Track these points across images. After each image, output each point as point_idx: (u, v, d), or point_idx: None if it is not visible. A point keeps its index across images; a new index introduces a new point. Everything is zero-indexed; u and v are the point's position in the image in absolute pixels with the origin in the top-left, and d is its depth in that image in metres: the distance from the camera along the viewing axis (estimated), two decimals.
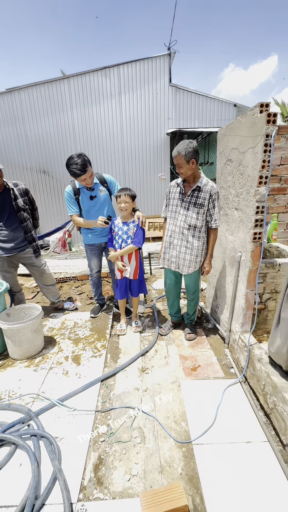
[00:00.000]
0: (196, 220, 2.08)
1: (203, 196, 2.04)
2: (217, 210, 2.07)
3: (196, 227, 2.10)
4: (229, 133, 2.15)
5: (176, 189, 2.18)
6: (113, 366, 2.11)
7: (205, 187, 2.03)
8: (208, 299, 2.87)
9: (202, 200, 2.04)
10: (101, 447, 1.44)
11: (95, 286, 2.86)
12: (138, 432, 1.52)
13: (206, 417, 1.61)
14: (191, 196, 2.08)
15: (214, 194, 2.03)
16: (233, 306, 2.15)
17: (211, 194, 2.02)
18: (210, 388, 1.83)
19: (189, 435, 1.50)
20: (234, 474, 1.28)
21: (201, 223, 2.08)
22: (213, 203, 2.04)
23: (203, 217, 2.08)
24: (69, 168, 2.16)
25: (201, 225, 2.09)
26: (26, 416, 1.59)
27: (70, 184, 2.42)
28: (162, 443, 1.46)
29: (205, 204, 2.04)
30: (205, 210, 2.06)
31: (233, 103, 7.31)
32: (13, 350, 2.14)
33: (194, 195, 2.06)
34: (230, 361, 2.12)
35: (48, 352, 2.27)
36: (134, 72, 7.15)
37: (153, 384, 1.89)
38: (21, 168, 7.80)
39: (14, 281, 2.71)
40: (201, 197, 2.04)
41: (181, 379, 1.93)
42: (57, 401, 1.71)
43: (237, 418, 1.60)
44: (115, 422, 1.59)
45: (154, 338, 2.44)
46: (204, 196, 2.03)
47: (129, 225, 2.32)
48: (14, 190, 2.40)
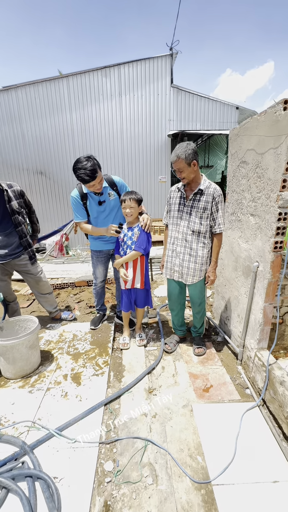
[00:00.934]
0: (199, 225, 1.94)
1: (205, 199, 1.90)
2: (221, 214, 1.94)
3: (200, 233, 1.96)
4: (243, 133, 1.99)
5: (177, 194, 2.04)
6: (117, 386, 1.92)
7: (207, 190, 1.90)
8: (217, 310, 2.70)
9: (205, 204, 1.90)
10: (107, 490, 1.25)
11: (97, 296, 2.67)
12: (149, 470, 1.33)
13: (225, 449, 1.43)
14: (193, 200, 1.94)
15: (217, 197, 1.90)
16: (247, 320, 1.98)
17: (214, 197, 1.89)
18: (226, 413, 1.65)
19: (207, 473, 1.32)
20: None
21: (205, 228, 1.94)
22: (217, 206, 1.91)
23: (207, 222, 1.94)
24: (76, 173, 1.94)
25: (205, 230, 1.95)
26: (20, 450, 1.39)
27: (76, 187, 2.19)
28: (178, 484, 1.27)
29: (208, 208, 1.90)
30: (208, 214, 1.92)
31: (235, 105, 7.21)
32: (6, 368, 1.93)
33: (196, 198, 1.92)
34: (244, 381, 1.95)
35: (45, 369, 2.06)
36: (135, 72, 7.01)
37: (163, 409, 1.70)
38: (17, 169, 7.57)
39: (8, 290, 2.51)
40: (204, 200, 1.90)
41: (193, 402, 1.74)
42: (56, 430, 1.51)
43: (259, 451, 1.42)
44: (122, 457, 1.40)
45: (159, 353, 2.26)
46: (207, 199, 1.90)
47: (134, 229, 2.15)
48: (8, 192, 2.20)
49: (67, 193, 7.90)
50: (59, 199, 7.95)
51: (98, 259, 2.46)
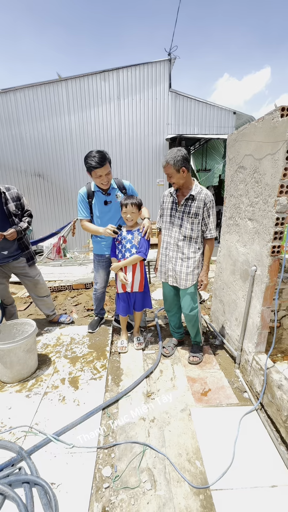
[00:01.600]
0: (190, 231, 1.96)
1: (197, 205, 1.92)
2: (213, 219, 1.95)
3: (192, 238, 1.97)
4: (241, 138, 2.02)
5: (169, 198, 2.06)
6: (115, 390, 1.91)
7: (198, 196, 1.91)
8: (215, 313, 2.71)
9: (196, 209, 1.92)
10: (105, 496, 1.24)
11: (97, 301, 2.65)
12: (147, 475, 1.32)
13: (223, 454, 1.43)
14: (184, 205, 1.95)
15: (208, 202, 1.91)
16: (245, 323, 1.99)
17: (205, 203, 1.91)
18: (224, 417, 1.65)
19: (205, 478, 1.31)
20: None
21: (196, 233, 1.96)
22: (208, 212, 1.93)
23: (198, 227, 1.95)
24: (86, 160, 2.00)
25: (196, 235, 1.97)
26: (17, 456, 1.37)
27: (86, 186, 2.25)
28: (176, 489, 1.27)
29: (199, 213, 1.92)
30: (199, 220, 1.94)
31: (233, 110, 7.29)
32: (3, 372, 1.92)
33: (187, 204, 1.94)
34: (242, 384, 1.95)
35: (42, 373, 2.05)
36: (133, 77, 7.07)
37: (161, 413, 1.70)
38: (15, 171, 7.56)
39: (6, 293, 2.49)
40: (195, 206, 1.92)
41: (191, 406, 1.74)
42: (53, 435, 1.49)
43: (257, 455, 1.42)
44: (120, 462, 1.39)
45: (158, 356, 2.25)
46: (198, 205, 1.91)
47: (134, 233, 2.15)
48: (5, 194, 2.21)
49: (65, 195, 7.90)
50: (57, 202, 7.94)
51: (99, 263, 2.45)
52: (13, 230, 2.17)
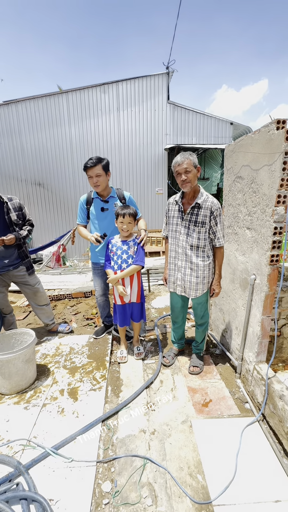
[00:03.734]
0: (197, 240, 1.92)
1: (203, 214, 1.88)
2: (221, 227, 1.91)
3: (199, 247, 1.93)
4: (238, 149, 2.06)
5: (174, 206, 2.03)
6: (115, 401, 1.88)
7: (205, 204, 1.88)
8: (215, 322, 2.70)
9: (203, 218, 1.88)
10: None
11: (100, 308, 2.67)
12: (148, 490, 1.29)
13: (225, 467, 1.40)
14: (190, 214, 1.92)
15: (215, 211, 1.87)
16: (245, 332, 1.98)
17: (212, 211, 1.86)
18: (225, 429, 1.63)
19: (207, 493, 1.28)
20: None
21: (203, 242, 1.91)
22: (215, 220, 1.88)
23: (205, 236, 1.91)
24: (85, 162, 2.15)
25: (203, 244, 1.92)
26: (15, 470, 1.34)
27: (87, 193, 2.37)
28: (178, 505, 1.24)
29: (206, 222, 1.88)
30: (207, 229, 1.90)
31: (230, 121, 7.47)
32: (1, 383, 1.89)
33: (193, 212, 1.91)
34: (244, 395, 1.93)
35: (41, 384, 2.02)
36: (132, 89, 7.25)
37: (161, 425, 1.67)
38: (15, 180, 7.64)
39: (5, 302, 2.49)
40: (202, 215, 1.88)
41: (192, 418, 1.72)
42: (52, 449, 1.46)
43: (260, 469, 1.39)
44: (120, 477, 1.36)
45: (158, 366, 2.23)
46: (204, 213, 1.87)
47: (129, 243, 2.13)
48: (8, 204, 2.25)
49: (65, 204, 7.97)
50: (57, 210, 8.00)
51: (95, 271, 2.48)
52: (12, 236, 2.20)
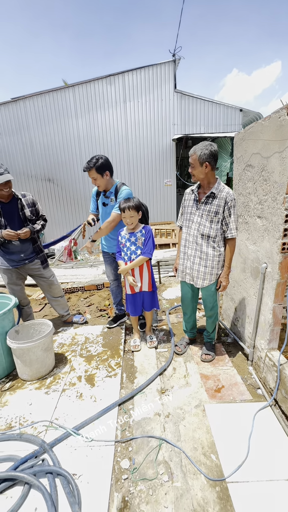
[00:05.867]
0: (209, 229, 1.92)
1: (217, 203, 1.88)
2: (234, 219, 1.90)
3: (210, 237, 1.94)
4: (248, 137, 2.04)
5: (190, 196, 2.04)
6: (130, 387, 1.96)
7: (220, 194, 1.88)
8: (226, 311, 2.72)
9: (217, 208, 1.88)
10: (125, 486, 1.29)
11: (113, 294, 2.78)
12: (164, 467, 1.37)
13: (238, 448, 1.45)
14: (205, 203, 1.93)
15: (230, 201, 1.86)
16: (257, 320, 2.00)
17: (226, 201, 1.86)
18: (238, 413, 1.68)
19: (221, 471, 1.35)
20: None
21: (215, 232, 1.92)
22: (229, 211, 1.87)
23: (217, 226, 1.92)
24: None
25: (215, 234, 1.93)
26: (40, 448, 1.44)
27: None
28: (193, 481, 1.31)
29: (219, 212, 1.88)
30: (219, 219, 1.90)
31: (239, 108, 7.25)
32: (23, 370, 2.01)
33: (208, 202, 1.91)
34: (256, 381, 1.96)
35: (59, 371, 2.13)
36: (139, 79, 7.14)
37: (175, 409, 1.74)
38: (26, 176, 7.77)
39: (22, 294, 2.60)
40: (216, 204, 1.89)
41: (205, 403, 1.77)
42: (73, 430, 1.56)
43: (273, 450, 1.44)
44: (137, 455, 1.44)
45: (170, 354, 2.29)
46: (218, 203, 1.88)
47: (137, 235, 2.16)
48: (21, 200, 2.33)
49: (74, 198, 8.05)
50: (67, 205, 8.10)
51: (104, 259, 2.66)
52: (27, 230, 2.30)
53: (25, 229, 2.28)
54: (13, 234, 2.20)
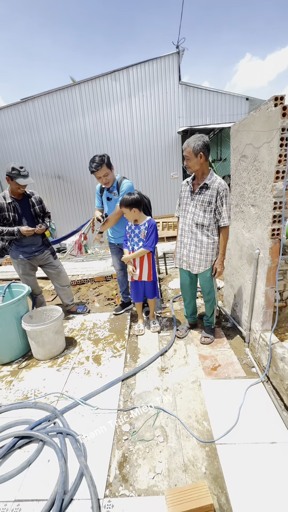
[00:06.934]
0: (203, 218, 2.04)
1: (210, 194, 1.99)
2: (226, 208, 2.00)
3: (204, 226, 2.05)
4: (242, 128, 2.11)
5: (186, 187, 2.17)
6: (133, 365, 2.14)
7: (212, 184, 1.99)
8: (226, 298, 2.83)
9: (210, 198, 2.00)
10: (125, 445, 1.47)
11: (120, 283, 2.95)
12: (160, 431, 1.53)
13: (229, 417, 1.59)
14: (198, 193, 2.05)
15: (222, 191, 1.97)
16: (252, 304, 2.11)
17: (218, 191, 1.97)
18: (231, 388, 1.81)
19: (211, 435, 1.50)
20: (260, 475, 1.27)
21: (208, 221, 2.04)
22: (221, 201, 1.98)
23: (210, 215, 2.03)
24: (89, 165, 2.33)
25: (208, 223, 2.04)
26: (52, 414, 1.65)
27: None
28: (185, 442, 1.47)
29: (212, 202, 1.99)
30: (212, 208, 2.01)
31: (245, 96, 7.14)
32: (37, 350, 2.23)
33: (201, 192, 2.03)
34: (251, 361, 2.08)
35: (69, 352, 2.33)
36: (143, 73, 7.18)
37: (174, 384, 1.90)
38: (36, 175, 8.05)
39: (35, 284, 2.82)
40: (208, 195, 2.00)
41: (202, 379, 1.92)
42: (81, 400, 1.76)
43: (261, 419, 1.57)
44: (137, 421, 1.61)
45: (172, 337, 2.45)
46: (211, 193, 1.99)
47: (140, 227, 2.30)
48: (31, 198, 2.54)
49: (83, 194, 8.26)
50: (77, 201, 8.33)
51: (111, 250, 2.82)
52: (44, 226, 2.56)
53: (42, 225, 2.54)
54: (31, 230, 2.42)
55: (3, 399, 1.85)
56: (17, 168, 2.27)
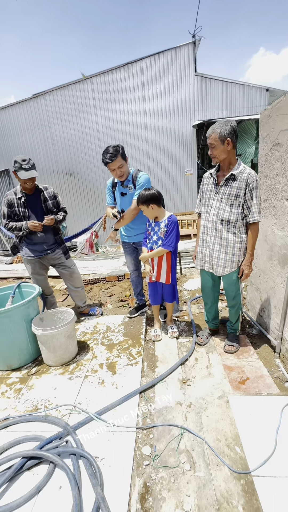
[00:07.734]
0: (229, 213, 1.81)
1: (238, 186, 1.75)
2: (256, 201, 1.76)
3: (230, 222, 1.82)
4: (276, 113, 1.88)
5: (209, 180, 1.94)
6: (151, 375, 1.95)
7: (240, 175, 1.75)
8: (251, 302, 2.60)
9: (237, 190, 1.76)
10: (146, 472, 1.29)
11: (133, 284, 2.78)
12: (186, 456, 1.35)
13: (264, 441, 1.39)
14: (224, 186, 1.81)
15: (251, 183, 1.73)
16: (285, 311, 1.88)
17: (247, 183, 1.73)
18: (264, 406, 1.60)
19: (246, 464, 1.29)
20: None
21: (235, 217, 1.80)
22: (251, 193, 1.74)
23: (238, 210, 1.79)
24: (102, 156, 2.17)
25: (235, 219, 1.81)
26: (64, 431, 1.49)
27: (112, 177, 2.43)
28: (216, 472, 1.27)
29: (240, 195, 1.76)
30: (240, 202, 1.77)
31: (265, 87, 6.78)
32: (48, 356, 2.08)
33: (228, 184, 1.80)
34: (283, 374, 1.86)
35: (82, 358, 2.17)
36: (157, 65, 6.93)
37: (197, 399, 1.70)
38: (48, 172, 7.98)
39: (46, 284, 2.68)
40: (236, 187, 1.76)
41: (229, 394, 1.71)
42: (95, 414, 1.59)
43: None
44: (159, 443, 1.43)
45: (192, 344, 2.25)
46: (239, 185, 1.75)
47: (160, 225, 2.10)
48: (44, 193, 2.39)
49: (95, 192, 8.13)
50: (88, 198, 8.22)
51: (124, 249, 2.64)
52: (52, 216, 2.36)
53: (50, 216, 2.35)
54: (37, 224, 2.26)
55: (12, 410, 1.71)
56: (19, 161, 2.12)
